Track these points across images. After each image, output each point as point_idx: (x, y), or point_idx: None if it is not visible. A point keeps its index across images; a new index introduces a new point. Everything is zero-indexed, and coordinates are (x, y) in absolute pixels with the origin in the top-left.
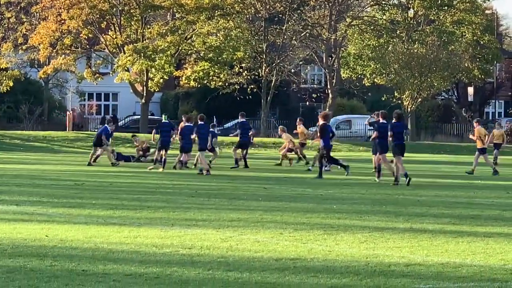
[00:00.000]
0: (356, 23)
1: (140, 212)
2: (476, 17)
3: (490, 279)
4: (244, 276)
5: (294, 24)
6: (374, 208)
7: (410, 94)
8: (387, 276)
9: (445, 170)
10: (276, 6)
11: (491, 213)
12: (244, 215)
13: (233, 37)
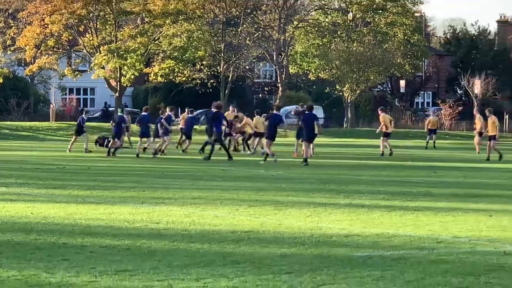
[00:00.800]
0: (302, 25)
1: (114, 192)
2: (407, 19)
3: (419, 247)
4: (204, 247)
5: (248, 26)
6: (319, 186)
7: (350, 86)
8: (329, 245)
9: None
10: (232, 10)
11: (420, 190)
12: (205, 193)
13: (195, 38)
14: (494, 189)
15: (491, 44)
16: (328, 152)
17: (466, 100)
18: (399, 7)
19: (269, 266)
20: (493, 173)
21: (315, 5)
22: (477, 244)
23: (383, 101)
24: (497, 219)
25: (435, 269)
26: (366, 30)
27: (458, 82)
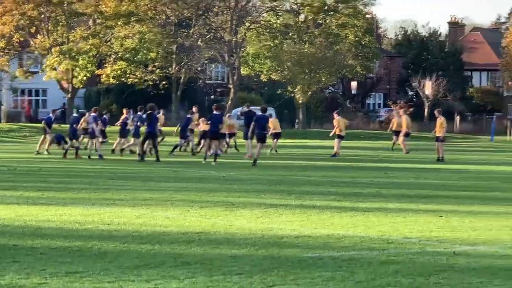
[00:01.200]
0: (254, 26)
1: (65, 193)
2: (358, 21)
3: (369, 248)
4: (155, 248)
5: (200, 28)
6: (269, 187)
7: (302, 88)
8: (280, 246)
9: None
10: (184, 12)
11: (370, 191)
12: (156, 194)
13: (147, 39)
14: (444, 190)
15: (442, 45)
16: (280, 153)
17: (417, 101)
18: (351, 8)
19: (219, 267)
20: (443, 174)
21: (266, 6)
22: (427, 245)
23: (335, 102)
24: (447, 220)
25: (385, 269)
26: (317, 31)
27: (409, 84)
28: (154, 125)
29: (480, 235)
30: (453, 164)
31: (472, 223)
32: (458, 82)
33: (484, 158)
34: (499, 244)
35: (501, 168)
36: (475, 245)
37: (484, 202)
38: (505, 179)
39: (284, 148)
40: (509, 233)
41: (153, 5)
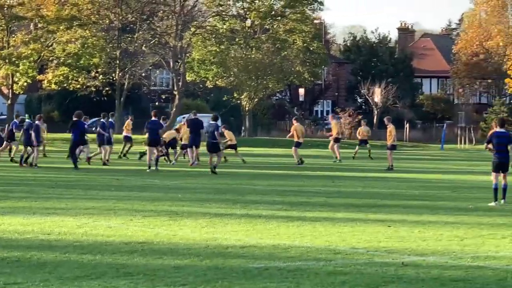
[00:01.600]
0: (200, 32)
1: (5, 202)
2: (306, 26)
3: (316, 258)
4: (97, 258)
5: (144, 33)
6: (215, 196)
7: (248, 94)
8: (225, 256)
9: (279, 162)
10: (128, 17)
11: (318, 200)
12: (99, 203)
13: (89, 44)
14: (392, 199)
15: (391, 51)
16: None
17: (366, 108)
18: (298, 13)
19: (162, 278)
20: (392, 182)
21: (212, 11)
22: (375, 255)
23: (282, 109)
24: (396, 230)
25: (332, 280)
26: (264, 37)
27: (358, 91)
28: (79, 133)
29: (429, 245)
30: (402, 173)
31: (421, 233)
32: (408, 89)
33: (434, 167)
34: (448, 255)
35: (451, 177)
36: (424, 256)
37: (434, 212)
38: (455, 188)
39: (230, 157)
40: (458, 243)
41: (96, 9)
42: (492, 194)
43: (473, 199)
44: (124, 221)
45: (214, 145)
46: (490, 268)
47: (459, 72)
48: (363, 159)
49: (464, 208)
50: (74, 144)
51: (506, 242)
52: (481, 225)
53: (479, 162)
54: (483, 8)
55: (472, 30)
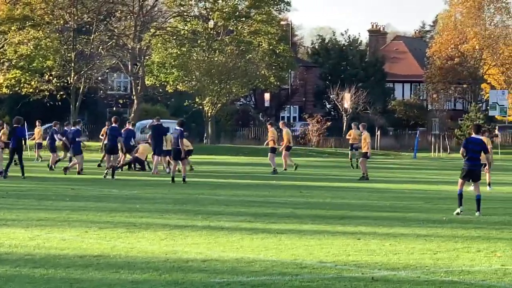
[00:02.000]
0: (160, 33)
1: None
2: (272, 28)
3: (281, 272)
4: (49, 273)
5: (101, 34)
6: (175, 207)
7: (211, 99)
8: (185, 271)
9: (243, 171)
10: (84, 17)
11: (284, 211)
12: (52, 214)
13: (43, 46)
14: (362, 210)
15: (362, 55)
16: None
17: (335, 114)
18: (264, 14)
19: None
20: (362, 193)
21: (173, 11)
22: (344, 270)
23: (246, 115)
24: (365, 243)
25: None
26: (228, 39)
27: (326, 96)
28: (16, 140)
29: (400, 259)
30: (373, 183)
31: (392, 246)
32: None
33: (406, 176)
34: (421, 269)
35: (424, 187)
36: (395, 270)
37: (406, 224)
38: (428, 199)
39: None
40: (431, 257)
41: (50, 9)
42: (457, 200)
43: (447, 210)
44: (79, 233)
45: (178, 152)
46: (464, 283)
47: (433, 77)
48: (333, 168)
49: (438, 220)
50: (12, 151)
51: (481, 256)
52: (455, 238)
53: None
54: (458, 9)
55: (447, 33)
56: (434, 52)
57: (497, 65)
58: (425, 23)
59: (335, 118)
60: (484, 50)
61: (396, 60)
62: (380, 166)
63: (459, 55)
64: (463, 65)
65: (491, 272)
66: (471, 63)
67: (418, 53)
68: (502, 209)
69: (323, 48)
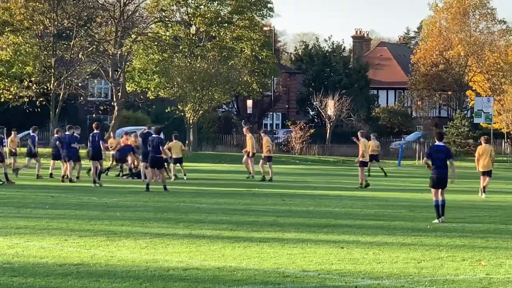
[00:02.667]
0: (141, 39)
1: None
2: (255, 34)
3: (263, 281)
4: (28, 281)
5: (81, 39)
6: (156, 215)
7: (192, 106)
8: (166, 280)
9: (225, 178)
10: (64, 22)
11: (266, 219)
12: (31, 222)
13: (22, 52)
14: (346, 218)
15: (346, 61)
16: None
17: (319, 121)
18: (247, 20)
19: None
20: (346, 201)
21: (155, 17)
22: (327, 279)
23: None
24: (349, 251)
25: None
26: (210, 45)
27: (310, 103)
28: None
29: (384, 268)
30: (356, 191)
31: (376, 255)
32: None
33: (391, 184)
34: (405, 278)
35: (408, 195)
36: (379, 279)
37: (390, 232)
38: (412, 207)
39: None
40: (416, 266)
41: (29, 14)
42: (434, 211)
43: (432, 218)
44: (59, 241)
45: (157, 160)
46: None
47: (417, 84)
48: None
49: (422, 229)
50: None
51: (466, 265)
52: (440, 247)
53: None
54: (443, 15)
55: (431, 39)
56: (419, 58)
57: (483, 72)
58: (410, 29)
59: (319, 125)
60: (469, 57)
61: (380, 67)
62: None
63: (444, 61)
64: (448, 71)
65: (476, 281)
66: (456, 70)
67: (402, 60)
68: (487, 217)
69: (307, 55)
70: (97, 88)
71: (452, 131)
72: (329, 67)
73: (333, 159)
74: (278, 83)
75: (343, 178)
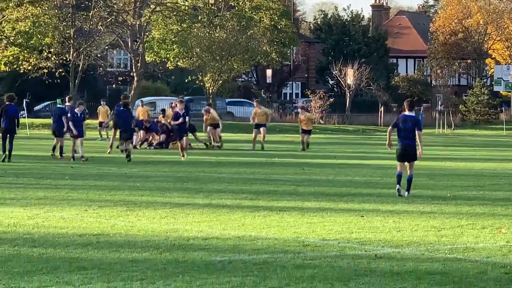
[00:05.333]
0: (160, 9)
1: None
2: (274, 3)
3: (283, 250)
4: (48, 252)
5: (100, 10)
6: (176, 185)
7: (212, 76)
8: (186, 249)
9: (245, 148)
10: None
11: (286, 189)
12: (51, 193)
13: (41, 23)
14: (366, 187)
15: (365, 30)
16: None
17: (338, 91)
18: None
19: (119, 272)
20: (365, 170)
21: None
22: (346, 247)
23: (248, 92)
24: (369, 220)
25: (300, 274)
26: (229, 14)
27: (329, 72)
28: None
29: (404, 237)
30: (377, 160)
31: (396, 223)
32: (383, 70)
33: None
34: (425, 246)
35: (428, 164)
36: (399, 247)
37: (409, 201)
38: (432, 176)
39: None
40: (435, 234)
41: None
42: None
43: (452, 187)
44: (79, 211)
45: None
46: (469, 260)
47: (436, 52)
48: (334, 144)
49: (442, 197)
50: (4, 131)
51: (486, 233)
52: (459, 215)
53: (458, 148)
54: None
55: (450, 7)
56: (438, 27)
57: (502, 40)
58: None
59: (338, 95)
60: (489, 25)
61: (399, 36)
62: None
63: (463, 30)
64: (467, 40)
65: (496, 249)
66: (475, 38)
67: (421, 28)
68: (507, 185)
69: (326, 24)
70: (116, 59)
71: (471, 100)
72: (348, 36)
73: (352, 128)
74: (297, 52)
75: (363, 147)
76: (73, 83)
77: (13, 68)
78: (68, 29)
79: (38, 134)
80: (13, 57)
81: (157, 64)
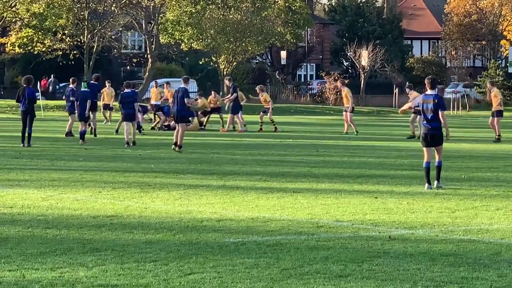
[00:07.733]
0: None
1: None
2: None
3: (297, 232)
4: (62, 233)
5: None
6: (190, 166)
7: (226, 58)
8: (199, 231)
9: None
10: None
11: (300, 170)
12: (65, 175)
13: (55, 4)
14: (380, 169)
15: (379, 12)
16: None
17: (353, 72)
18: None
19: (132, 254)
20: (380, 151)
21: None
22: (360, 229)
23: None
24: (383, 201)
25: (314, 256)
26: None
27: (344, 53)
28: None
29: (418, 218)
30: (391, 141)
31: (409, 204)
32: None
33: None
34: (439, 228)
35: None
36: (412, 229)
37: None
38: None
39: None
40: (450, 216)
41: None
42: (424, 175)
43: (466, 168)
44: (92, 193)
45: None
46: (483, 241)
47: (451, 34)
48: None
49: (456, 178)
50: (23, 114)
51: (500, 214)
52: (474, 196)
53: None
54: None
55: None
56: (453, 8)
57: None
58: None
59: (353, 76)
60: (503, 6)
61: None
62: (399, 124)
63: (477, 11)
64: (482, 21)
65: (510, 230)
66: (490, 19)
67: (436, 9)
68: None
69: (340, 5)
70: (131, 41)
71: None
72: (363, 18)
73: (367, 109)
74: (311, 34)
75: (377, 129)
76: (87, 64)
77: (28, 50)
78: (83, 11)
79: (52, 116)
80: (27, 39)
81: (172, 45)
